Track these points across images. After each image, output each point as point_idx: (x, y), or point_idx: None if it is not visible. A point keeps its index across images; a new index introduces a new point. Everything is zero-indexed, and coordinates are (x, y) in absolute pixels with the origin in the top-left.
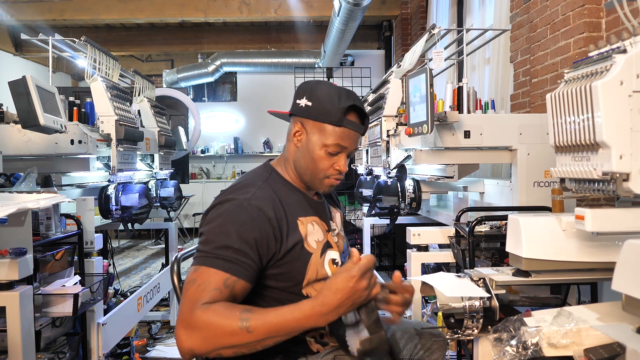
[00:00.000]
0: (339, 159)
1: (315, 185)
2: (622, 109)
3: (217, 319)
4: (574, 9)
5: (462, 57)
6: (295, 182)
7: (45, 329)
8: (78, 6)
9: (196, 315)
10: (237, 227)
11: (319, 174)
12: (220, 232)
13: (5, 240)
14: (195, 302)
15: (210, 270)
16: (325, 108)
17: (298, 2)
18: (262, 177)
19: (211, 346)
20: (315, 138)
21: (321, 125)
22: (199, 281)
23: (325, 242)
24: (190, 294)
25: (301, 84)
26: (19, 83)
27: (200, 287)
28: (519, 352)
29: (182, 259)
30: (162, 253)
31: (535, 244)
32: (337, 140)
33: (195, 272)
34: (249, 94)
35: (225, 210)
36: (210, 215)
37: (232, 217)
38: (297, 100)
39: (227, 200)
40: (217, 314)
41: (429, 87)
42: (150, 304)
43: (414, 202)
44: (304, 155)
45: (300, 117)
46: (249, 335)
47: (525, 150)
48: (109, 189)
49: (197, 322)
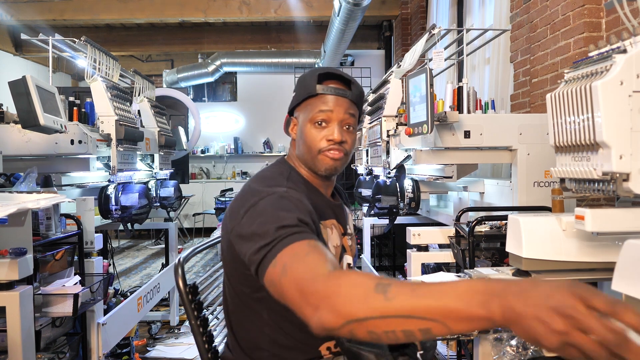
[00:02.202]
0: (328, 128)
1: (316, 165)
2: (622, 109)
3: (349, 280)
4: (574, 9)
5: (462, 57)
6: (311, 179)
7: (45, 329)
8: (78, 6)
9: (320, 282)
10: (287, 212)
11: (313, 150)
12: (273, 220)
13: (5, 240)
14: (310, 267)
15: (285, 250)
16: (303, 85)
17: (298, 2)
18: (283, 175)
19: (343, 314)
20: (302, 118)
21: (303, 104)
22: (288, 261)
23: (341, 247)
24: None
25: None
26: (19, 83)
27: (296, 259)
28: (519, 352)
29: (185, 261)
30: (162, 253)
31: (535, 244)
32: (319, 107)
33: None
34: (249, 94)
35: (266, 205)
36: (251, 213)
37: (279, 206)
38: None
39: (263, 197)
40: (348, 275)
41: (429, 87)
42: (150, 304)
43: (413, 202)
44: (299, 142)
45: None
46: (386, 303)
47: (525, 150)
48: (109, 189)
49: (325, 290)
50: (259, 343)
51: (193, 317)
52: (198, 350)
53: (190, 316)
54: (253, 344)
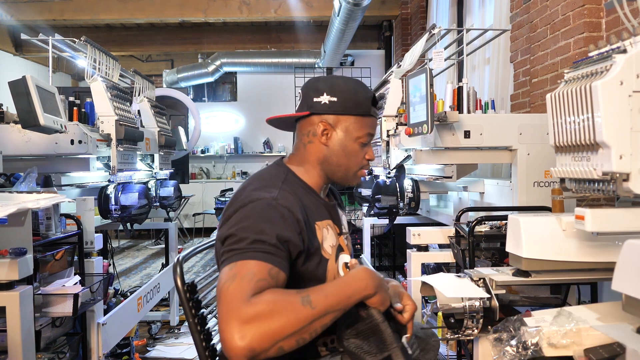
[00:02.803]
0: (368, 148)
1: (348, 179)
2: (622, 109)
3: (277, 304)
4: (574, 9)
5: (462, 57)
6: (313, 182)
7: (45, 329)
8: (78, 6)
9: (252, 306)
10: (270, 225)
11: (353, 167)
12: (254, 229)
13: (5, 240)
14: (245, 295)
15: (249, 262)
16: (355, 100)
17: (298, 2)
18: (280, 178)
19: (274, 336)
20: (347, 132)
21: (353, 118)
22: (240, 275)
23: (338, 246)
24: (235, 289)
25: (310, 82)
26: (19, 83)
27: (245, 279)
28: (519, 352)
29: (184, 260)
30: (162, 253)
31: (535, 244)
32: (369, 129)
33: (233, 268)
34: (249, 94)
35: (253, 210)
36: (236, 216)
37: (263, 216)
38: (316, 98)
39: (252, 201)
40: (274, 298)
41: (429, 87)
42: (150, 304)
43: (413, 201)
44: (335, 152)
45: (326, 114)
46: (312, 311)
47: (525, 150)
48: (109, 189)
49: (255, 313)
50: None
51: (191, 316)
52: (196, 348)
53: (188, 314)
54: None
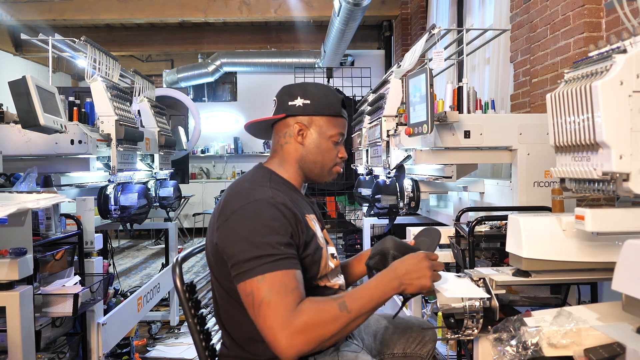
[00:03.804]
0: (340, 147)
1: (324, 176)
2: (622, 109)
3: (319, 313)
4: (574, 9)
5: (462, 57)
6: (293, 181)
7: (45, 329)
8: (78, 6)
9: (297, 318)
10: (277, 223)
11: (328, 164)
12: (265, 232)
13: (5, 240)
14: (289, 308)
15: (277, 274)
16: (326, 102)
17: (298, 2)
18: (266, 178)
19: (318, 340)
20: (320, 132)
21: (325, 118)
22: (275, 288)
23: (324, 238)
24: (276, 303)
25: (284, 88)
26: (19, 83)
27: (281, 292)
28: (519, 352)
29: (184, 260)
30: (162, 253)
31: (535, 244)
32: (340, 129)
33: (264, 282)
34: (249, 94)
35: (256, 211)
36: (237, 218)
37: (267, 215)
38: (291, 102)
39: (250, 202)
40: (315, 308)
41: (429, 87)
42: (150, 304)
43: (413, 201)
44: (311, 150)
45: (300, 115)
46: (349, 315)
47: (525, 150)
48: (108, 189)
49: (302, 324)
50: (253, 336)
51: (190, 315)
52: (195, 347)
53: (187, 314)
54: (248, 338)
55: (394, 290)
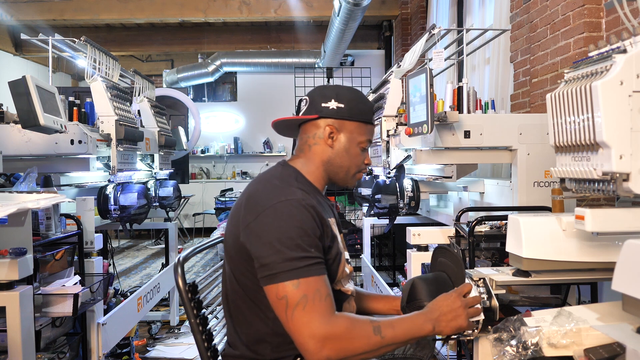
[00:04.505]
0: (367, 153)
1: (347, 181)
2: (622, 109)
3: (354, 329)
4: (574, 9)
5: (462, 57)
6: (317, 182)
7: (45, 329)
8: (78, 6)
9: (332, 328)
10: (308, 225)
11: (354, 169)
12: (297, 234)
13: (5, 240)
14: (325, 315)
15: (310, 279)
16: (360, 108)
17: (298, 2)
18: (292, 177)
19: (346, 353)
20: (351, 136)
21: (356, 124)
22: (310, 295)
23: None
24: (311, 309)
25: (317, 89)
26: (19, 83)
27: (316, 298)
28: (519, 352)
29: (185, 260)
30: (162, 253)
31: (535, 244)
32: (369, 136)
33: (300, 288)
34: (249, 94)
35: (288, 212)
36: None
37: (299, 217)
38: (324, 104)
39: (282, 201)
40: (352, 322)
41: (429, 87)
42: (150, 304)
43: (413, 201)
44: (339, 154)
45: (333, 118)
46: (381, 340)
47: (525, 150)
48: (108, 189)
49: (335, 334)
50: (262, 336)
51: (192, 316)
52: (197, 348)
53: (189, 315)
54: (256, 337)
55: (428, 332)
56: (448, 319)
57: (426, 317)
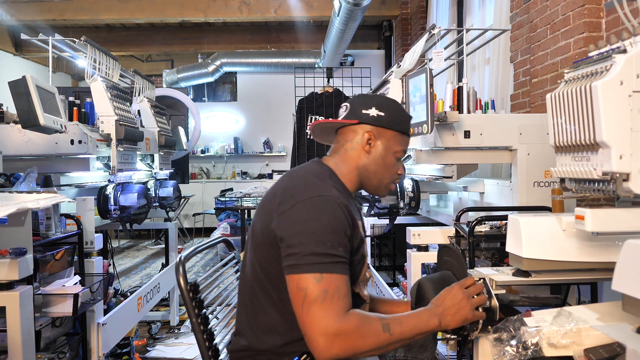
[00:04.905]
0: (400, 164)
1: (379, 189)
2: (622, 109)
3: (364, 326)
4: (574, 9)
5: (462, 57)
6: (349, 185)
7: (45, 329)
8: (78, 6)
9: (344, 325)
10: (340, 224)
11: (387, 179)
12: (329, 230)
13: (5, 240)
14: (338, 313)
15: (333, 277)
16: (398, 118)
17: (298, 2)
18: (327, 175)
19: (355, 350)
20: (388, 145)
21: (394, 133)
22: (331, 290)
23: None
24: (328, 305)
25: (359, 96)
26: (19, 83)
27: (335, 296)
28: (519, 352)
29: (186, 260)
30: (162, 253)
31: (535, 244)
32: (405, 147)
33: (321, 283)
34: (249, 94)
35: (323, 207)
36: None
37: (333, 214)
38: (365, 111)
39: (318, 196)
40: (362, 320)
41: (429, 87)
42: (150, 304)
43: (413, 201)
44: (375, 161)
45: (372, 125)
46: (389, 337)
47: (525, 150)
48: (108, 189)
49: (346, 331)
50: (275, 327)
51: (194, 315)
52: (199, 347)
53: (191, 314)
54: (268, 326)
55: (435, 327)
56: (452, 312)
57: (431, 312)
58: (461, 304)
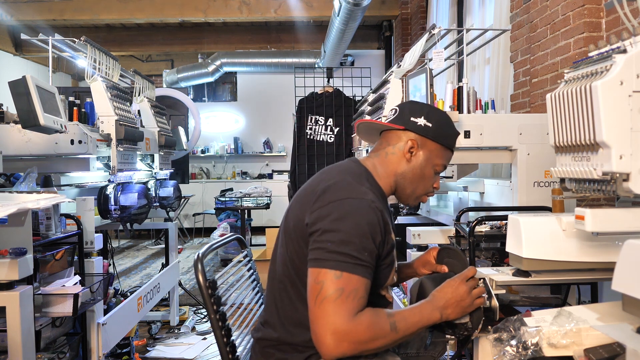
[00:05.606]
0: (438, 177)
1: (411, 199)
2: (622, 109)
3: (373, 329)
4: (574, 9)
5: (462, 57)
6: (385, 189)
7: (45, 329)
8: (78, 6)
9: (353, 326)
10: (371, 228)
11: (421, 190)
12: (359, 233)
13: (5, 240)
14: (350, 313)
15: (353, 277)
16: (445, 132)
17: (298, 2)
18: (363, 177)
19: (362, 350)
20: (430, 157)
21: (438, 146)
22: (347, 290)
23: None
24: (341, 304)
25: (409, 102)
26: (19, 83)
27: (350, 296)
28: (519, 352)
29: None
30: (162, 253)
31: (535, 244)
32: (446, 161)
33: (340, 280)
34: (249, 94)
35: (357, 210)
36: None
37: (366, 217)
38: (413, 119)
39: (354, 198)
40: (372, 322)
41: (429, 87)
42: (150, 304)
43: None
44: (414, 170)
45: (418, 134)
46: (395, 334)
47: (525, 150)
48: (108, 189)
49: (355, 332)
50: (304, 321)
51: (212, 312)
52: (217, 343)
53: (209, 310)
54: (297, 320)
55: (437, 320)
56: (454, 305)
57: (433, 305)
58: (462, 296)
